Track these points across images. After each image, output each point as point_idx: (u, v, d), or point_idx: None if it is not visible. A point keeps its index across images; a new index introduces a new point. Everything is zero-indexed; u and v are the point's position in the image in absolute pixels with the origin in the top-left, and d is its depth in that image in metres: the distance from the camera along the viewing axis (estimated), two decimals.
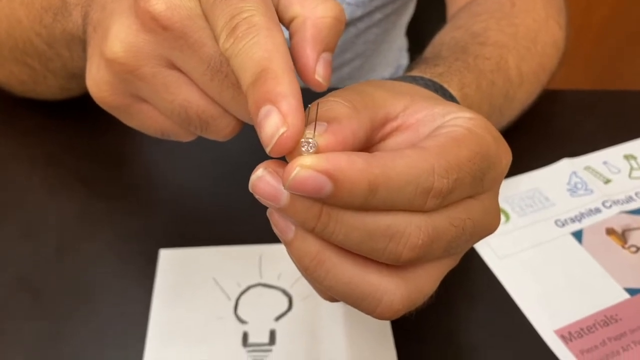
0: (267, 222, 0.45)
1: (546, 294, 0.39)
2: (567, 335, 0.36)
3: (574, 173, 0.46)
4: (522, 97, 0.44)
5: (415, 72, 0.36)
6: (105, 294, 0.38)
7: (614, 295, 0.38)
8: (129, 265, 0.39)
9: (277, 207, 0.21)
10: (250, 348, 0.35)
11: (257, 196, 0.21)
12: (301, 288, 0.38)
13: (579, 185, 0.45)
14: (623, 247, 0.41)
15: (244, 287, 0.38)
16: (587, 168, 0.46)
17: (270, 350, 0.35)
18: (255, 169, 0.21)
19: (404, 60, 0.73)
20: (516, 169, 0.47)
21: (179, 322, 0.36)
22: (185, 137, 0.28)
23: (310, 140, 0.20)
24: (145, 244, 0.40)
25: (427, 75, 0.35)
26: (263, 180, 0.21)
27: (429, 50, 0.42)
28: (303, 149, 0.20)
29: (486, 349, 0.36)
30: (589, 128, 0.51)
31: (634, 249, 0.41)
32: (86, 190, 0.44)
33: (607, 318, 0.37)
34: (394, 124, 0.24)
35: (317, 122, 0.21)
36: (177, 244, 0.40)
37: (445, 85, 0.35)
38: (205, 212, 0.43)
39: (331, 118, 0.22)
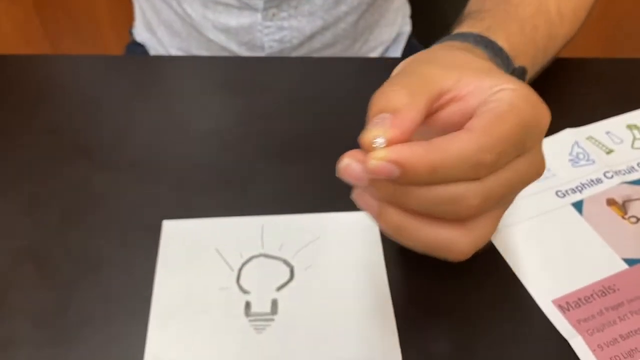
0: (268, 193, 0.45)
1: (545, 265, 0.39)
2: (565, 305, 0.37)
3: (576, 143, 0.46)
4: (564, 35, 0.47)
5: (464, 29, 0.40)
6: (110, 264, 0.38)
7: (613, 265, 0.39)
8: (133, 235, 0.40)
9: (362, 185, 0.26)
10: (253, 317, 0.36)
11: (345, 179, 0.26)
12: (302, 258, 0.39)
13: (581, 156, 0.45)
14: (623, 217, 0.41)
15: (246, 257, 0.38)
16: (590, 138, 0.46)
17: (272, 320, 0.36)
18: (341, 158, 0.26)
19: (407, 27, 0.72)
20: None
21: (183, 292, 0.37)
22: None
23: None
24: (149, 215, 0.41)
25: (476, 31, 0.39)
26: (349, 168, 0.26)
27: (473, 3, 0.46)
28: (375, 142, 0.25)
29: (484, 318, 0.37)
30: (593, 97, 0.50)
31: (634, 219, 0.41)
32: (89, 162, 0.45)
33: (605, 288, 0.38)
34: (447, 97, 0.28)
35: (381, 116, 0.26)
36: (180, 215, 0.41)
37: (493, 38, 0.39)
38: (207, 184, 0.43)
39: (393, 109, 0.26)
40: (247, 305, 0.36)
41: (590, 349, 0.35)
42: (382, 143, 0.25)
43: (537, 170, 0.29)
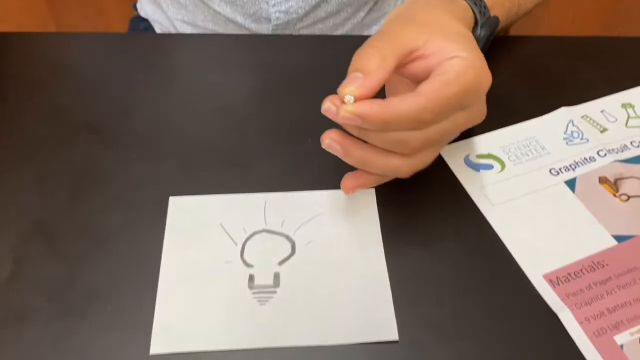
0: (271, 171, 0.47)
1: (537, 241, 0.40)
2: (555, 280, 0.38)
3: (571, 122, 0.47)
4: None
5: None
6: (119, 238, 0.40)
7: (602, 241, 0.40)
8: (140, 211, 0.41)
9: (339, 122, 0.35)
10: (256, 290, 0.37)
11: (327, 115, 0.35)
12: (303, 234, 0.40)
13: (575, 135, 0.46)
14: (614, 195, 0.43)
15: (249, 233, 0.40)
16: (585, 117, 0.47)
17: (274, 292, 0.37)
18: (324, 101, 0.35)
19: None
20: (514, 117, 0.48)
21: (189, 265, 0.38)
22: None
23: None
24: (156, 191, 0.42)
25: None
26: (329, 110, 0.34)
27: None
28: (346, 99, 0.34)
29: (477, 292, 0.38)
30: (589, 76, 0.51)
31: (624, 197, 0.42)
32: (97, 139, 0.46)
33: (594, 264, 0.39)
34: (416, 54, 0.36)
35: (355, 74, 0.34)
36: (186, 192, 0.42)
37: None
38: (212, 161, 0.44)
39: (366, 71, 0.34)
40: (251, 278, 0.38)
41: (578, 321, 0.36)
42: (351, 99, 0.33)
43: (475, 119, 0.39)
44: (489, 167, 0.45)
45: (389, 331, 0.36)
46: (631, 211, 0.42)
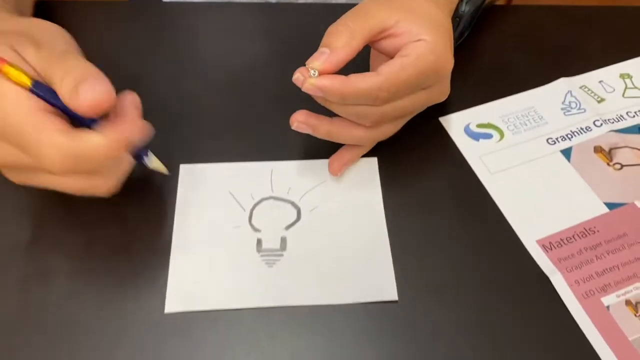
0: (276, 140, 0.48)
1: (532, 208, 0.42)
2: (548, 245, 0.40)
3: (570, 92, 0.48)
4: None
5: None
6: (132, 203, 0.42)
7: (595, 209, 0.42)
8: (153, 178, 0.43)
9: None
10: (264, 253, 0.39)
11: (295, 83, 0.38)
12: (308, 201, 0.42)
13: (573, 105, 0.47)
14: (608, 164, 0.44)
15: (257, 199, 0.42)
16: (583, 87, 0.48)
17: (281, 255, 0.39)
18: (295, 73, 0.38)
19: None
20: (514, 88, 0.49)
21: (200, 230, 0.40)
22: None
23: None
24: (167, 159, 0.44)
25: None
26: (298, 80, 0.38)
27: None
28: (311, 72, 0.37)
29: (473, 256, 0.40)
30: (589, 46, 0.52)
31: (618, 166, 0.44)
32: None
33: (585, 230, 0.41)
34: (388, 32, 0.39)
35: (323, 50, 0.37)
36: (196, 160, 0.44)
37: None
38: (221, 131, 0.46)
39: (333, 47, 0.37)
40: (259, 242, 0.40)
41: (568, 284, 0.38)
42: (315, 73, 0.37)
43: (437, 98, 0.43)
44: (488, 136, 0.46)
45: (389, 292, 0.38)
46: (623, 179, 0.43)
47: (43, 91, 0.33)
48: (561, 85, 0.48)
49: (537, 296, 0.38)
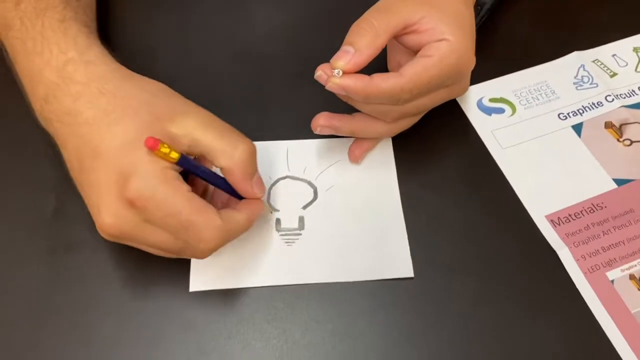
0: (292, 120, 0.48)
1: (542, 183, 0.43)
2: (557, 220, 0.42)
3: (582, 66, 0.48)
4: None
5: None
6: None
7: (603, 185, 0.43)
8: None
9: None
10: (283, 232, 0.41)
11: (319, 81, 0.38)
12: (324, 180, 0.43)
13: (585, 79, 0.48)
14: (618, 140, 0.45)
15: (274, 179, 0.43)
16: (596, 61, 0.48)
17: (300, 234, 0.41)
18: (317, 69, 0.38)
19: None
20: (528, 62, 0.49)
21: None
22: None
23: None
24: None
25: None
26: (321, 77, 0.38)
27: None
28: (334, 72, 0.37)
29: (485, 231, 0.41)
30: (602, 20, 0.51)
31: (628, 142, 0.45)
32: None
33: (593, 205, 0.42)
34: (412, 28, 0.39)
35: (347, 48, 0.37)
36: None
37: None
38: (237, 110, 0.46)
39: (357, 47, 0.37)
40: (278, 221, 0.41)
41: (575, 258, 0.40)
42: (339, 73, 0.37)
43: (456, 94, 0.43)
44: (501, 111, 0.47)
45: (405, 268, 0.40)
46: (633, 156, 0.44)
47: (188, 164, 0.35)
48: (574, 59, 0.49)
49: (545, 270, 0.40)
